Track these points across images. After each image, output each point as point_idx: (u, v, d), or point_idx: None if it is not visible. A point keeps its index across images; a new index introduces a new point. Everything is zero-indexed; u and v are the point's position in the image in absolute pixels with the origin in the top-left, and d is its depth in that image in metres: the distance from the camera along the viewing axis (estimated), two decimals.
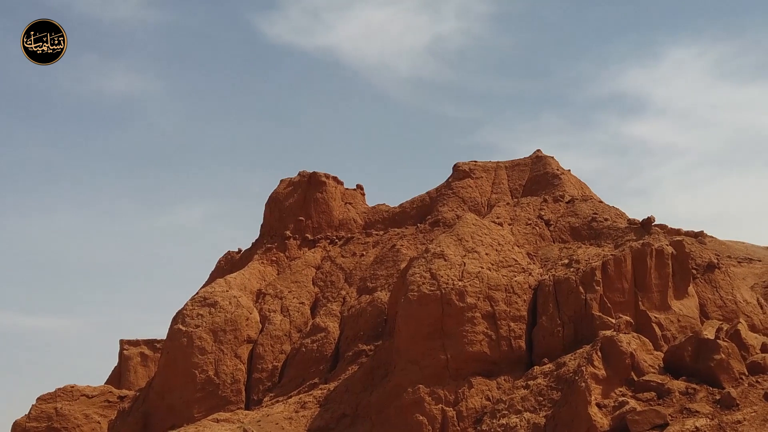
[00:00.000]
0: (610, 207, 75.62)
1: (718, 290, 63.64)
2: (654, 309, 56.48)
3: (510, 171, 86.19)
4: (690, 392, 44.67)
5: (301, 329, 72.34)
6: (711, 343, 46.90)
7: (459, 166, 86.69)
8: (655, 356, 49.20)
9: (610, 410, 44.36)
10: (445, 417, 53.26)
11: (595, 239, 69.45)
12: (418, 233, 78.84)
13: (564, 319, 55.67)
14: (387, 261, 75.56)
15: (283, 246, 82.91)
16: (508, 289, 57.59)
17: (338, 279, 77.38)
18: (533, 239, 71.29)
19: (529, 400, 50.62)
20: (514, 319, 56.53)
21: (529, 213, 75.14)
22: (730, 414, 42.47)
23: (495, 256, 60.75)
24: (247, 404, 67.23)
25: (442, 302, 56.12)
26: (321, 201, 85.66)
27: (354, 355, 65.67)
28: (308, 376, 66.91)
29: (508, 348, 55.63)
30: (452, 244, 61.20)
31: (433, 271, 58.05)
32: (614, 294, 56.21)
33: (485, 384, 54.26)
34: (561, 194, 78.19)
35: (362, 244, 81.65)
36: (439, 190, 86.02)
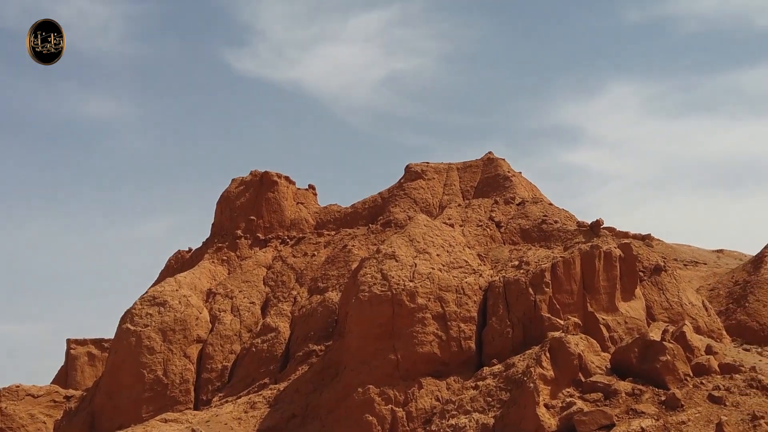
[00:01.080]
0: (560, 209, 76.33)
1: (664, 292, 64.56)
2: (602, 311, 57.16)
3: (462, 173, 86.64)
4: (636, 393, 45.27)
5: (252, 329, 71.99)
6: (657, 345, 47.58)
7: (411, 167, 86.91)
8: (602, 357, 49.78)
9: (558, 411, 44.79)
10: (394, 417, 53.37)
11: (545, 241, 70.09)
12: (370, 234, 78.89)
13: (513, 321, 56.10)
14: (338, 261, 75.51)
15: (234, 245, 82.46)
16: (459, 291, 57.88)
17: (289, 279, 77.15)
18: (484, 241, 71.75)
19: (478, 400, 50.93)
20: (464, 320, 56.82)
21: (480, 214, 75.60)
22: (675, 415, 43.14)
23: (446, 258, 61.03)
24: (195, 404, 66.73)
25: (393, 303, 56.24)
26: (273, 201, 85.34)
27: (304, 355, 65.53)
28: (258, 377, 66.62)
29: (458, 349, 55.90)
30: (403, 245, 61.37)
31: (384, 271, 58.15)
32: (563, 295, 56.79)
33: (435, 384, 54.48)
34: (512, 196, 78.81)
35: (314, 244, 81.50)
36: (391, 191, 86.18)
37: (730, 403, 43.79)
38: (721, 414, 42.31)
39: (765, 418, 41.72)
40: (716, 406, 43.63)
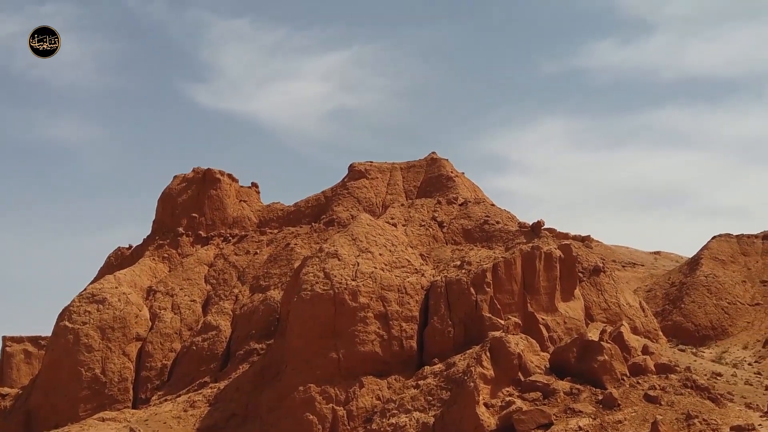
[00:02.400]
0: (501, 210, 76.95)
1: (602, 293, 65.56)
2: (542, 311, 57.83)
3: (405, 172, 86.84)
4: (574, 392, 45.80)
5: (192, 327, 71.43)
6: (595, 345, 48.20)
7: (355, 166, 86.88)
8: (541, 357, 50.28)
9: (498, 410, 45.13)
10: (335, 416, 53.36)
11: (487, 241, 70.62)
12: (313, 232, 78.72)
13: (455, 320, 56.45)
14: (281, 260, 75.24)
15: (175, 243, 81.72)
16: (401, 290, 58.06)
17: (231, 277, 76.67)
18: (426, 240, 72.06)
19: (419, 399, 51.14)
20: (406, 319, 57.01)
21: (423, 214, 75.91)
22: (612, 414, 43.74)
23: (388, 257, 61.18)
24: (134, 403, 66.02)
25: (335, 302, 56.23)
26: (215, 198, 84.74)
27: (245, 353, 65.22)
28: (198, 375, 66.14)
29: (400, 348, 56.09)
30: (346, 244, 61.38)
31: (326, 270, 58.11)
32: (504, 296, 57.32)
33: (376, 383, 54.59)
34: (455, 196, 79.24)
35: (256, 242, 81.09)
36: (334, 190, 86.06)
37: (666, 402, 44.53)
38: (656, 413, 42.98)
39: (699, 417, 42.51)
40: (652, 405, 44.32)
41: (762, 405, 46.78)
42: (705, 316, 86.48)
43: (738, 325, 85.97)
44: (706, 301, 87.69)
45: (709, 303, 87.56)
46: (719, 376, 54.48)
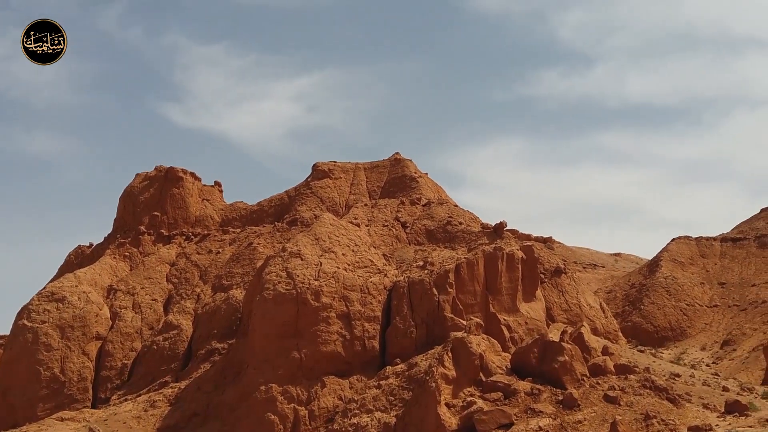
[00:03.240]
0: (464, 211, 77.23)
1: (564, 294, 66.06)
2: (503, 311, 58.16)
3: (369, 172, 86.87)
4: (535, 393, 46.12)
5: (153, 326, 70.95)
6: (555, 346, 48.57)
7: (318, 165, 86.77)
8: (503, 357, 50.56)
9: (459, 410, 45.32)
10: (297, 416, 53.31)
11: (450, 242, 70.88)
12: (276, 232, 78.51)
13: (417, 321, 56.61)
14: (243, 259, 74.97)
15: (136, 241, 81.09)
16: (364, 290, 58.14)
17: (193, 276, 76.26)
18: (389, 241, 72.19)
19: (380, 399, 51.24)
20: (368, 319, 57.10)
21: (386, 215, 76.04)
22: (572, 414, 44.12)
23: (351, 257, 61.22)
24: (93, 403, 65.39)
25: (298, 302, 56.19)
26: (177, 196, 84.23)
27: (207, 353, 64.92)
28: (159, 375, 65.71)
29: (362, 348, 56.16)
30: (309, 244, 61.33)
31: (289, 270, 58.03)
32: (466, 296, 57.58)
33: (338, 383, 54.61)
34: (418, 197, 79.43)
35: (218, 242, 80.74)
36: (297, 190, 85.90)
37: (625, 403, 44.97)
38: (615, 413, 43.40)
39: (657, 417, 43.00)
40: (611, 405, 44.74)
41: (719, 406, 47.40)
42: (664, 318, 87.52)
43: (696, 327, 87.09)
44: (665, 303, 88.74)
45: (668, 304, 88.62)
46: (677, 377, 55.12)
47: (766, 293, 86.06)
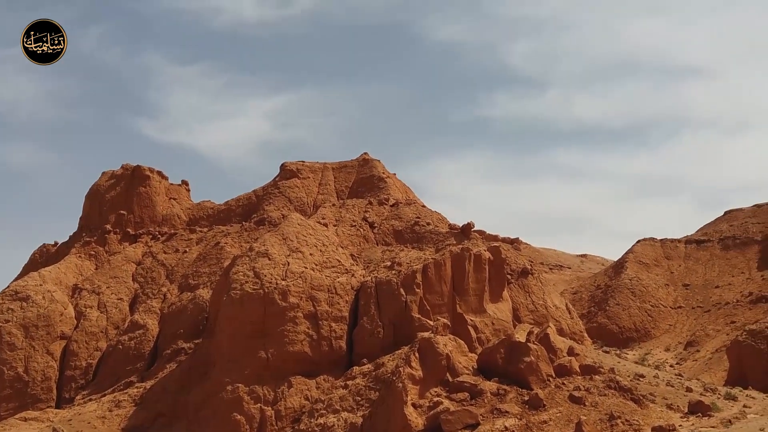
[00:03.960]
0: (432, 212, 77.43)
1: (530, 295, 66.44)
2: (470, 312, 58.33)
3: (337, 172, 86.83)
4: (501, 393, 46.32)
5: (119, 326, 70.48)
6: (522, 346, 48.81)
7: (286, 165, 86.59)
8: (469, 358, 50.71)
9: (425, 410, 45.41)
10: (263, 416, 53.18)
11: (417, 243, 71.04)
12: (243, 231, 78.26)
13: (384, 321, 56.66)
14: (210, 258, 74.65)
15: (102, 240, 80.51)
16: (331, 290, 58.10)
17: (159, 275, 75.83)
18: (357, 241, 72.22)
19: (347, 399, 51.23)
20: (335, 319, 57.07)
21: (354, 215, 76.05)
22: (537, 414, 44.36)
23: (319, 257, 61.15)
24: (58, 403, 64.89)
25: (265, 301, 56.04)
26: (144, 195, 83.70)
27: (173, 353, 64.55)
28: (124, 374, 65.25)
29: (329, 348, 56.11)
30: (277, 244, 61.19)
31: (256, 269, 57.87)
32: (433, 297, 57.69)
33: (305, 384, 54.54)
34: (386, 197, 79.50)
35: (185, 241, 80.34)
36: (265, 189, 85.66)
37: (590, 403, 45.31)
38: (580, 414, 43.71)
39: (622, 417, 43.37)
40: (576, 406, 45.05)
41: (683, 406, 47.88)
42: (629, 319, 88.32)
43: (660, 328, 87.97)
44: (630, 304, 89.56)
45: (633, 306, 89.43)
46: (642, 378, 55.58)
47: (729, 295, 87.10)
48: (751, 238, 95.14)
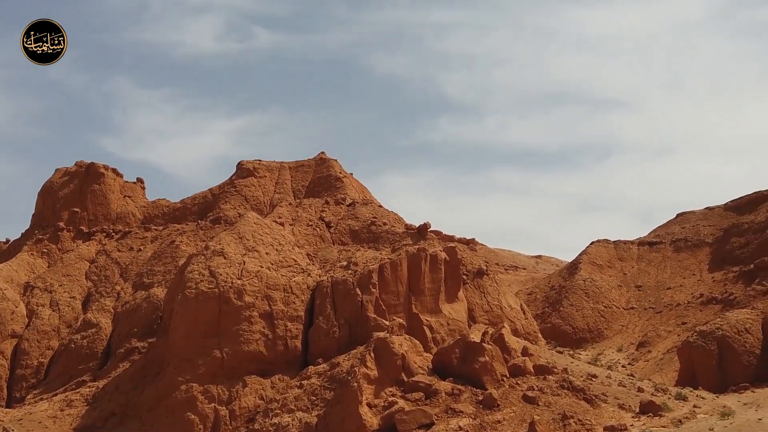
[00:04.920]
0: (389, 212, 77.53)
1: (485, 296, 66.81)
2: (426, 312, 58.58)
3: (294, 172, 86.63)
4: (455, 393, 46.59)
5: (71, 324, 69.73)
6: (476, 347, 49.13)
7: (243, 164, 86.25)
8: (424, 358, 50.93)
9: (380, 410, 45.54)
10: (217, 416, 52.92)
11: (374, 243, 71.11)
12: (199, 230, 77.84)
13: (340, 320, 56.69)
14: (165, 257, 74.13)
15: (55, 237, 79.57)
16: (287, 289, 58.01)
17: (113, 273, 75.14)
18: (314, 240, 72.12)
19: (302, 399, 51.18)
20: (291, 319, 56.99)
21: (310, 214, 75.92)
22: (491, 414, 44.70)
23: (275, 256, 61.02)
24: (8, 402, 64.07)
25: (220, 300, 55.80)
26: (98, 193, 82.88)
27: (126, 352, 64.01)
28: (76, 373, 64.57)
29: (284, 347, 56.02)
30: (233, 242, 60.94)
31: (212, 268, 57.60)
32: (389, 296, 57.85)
33: (260, 383, 54.38)
34: (343, 197, 79.47)
35: (140, 239, 79.68)
36: (222, 188, 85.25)
37: (543, 403, 45.74)
38: (534, 413, 44.12)
39: (574, 417, 43.84)
40: (530, 405, 45.47)
41: (634, 406, 48.49)
42: (582, 319, 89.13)
43: (613, 328, 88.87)
44: (584, 305, 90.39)
45: (587, 306, 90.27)
46: (594, 378, 56.18)
47: (680, 296, 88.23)
48: (703, 241, 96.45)
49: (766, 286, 76.41)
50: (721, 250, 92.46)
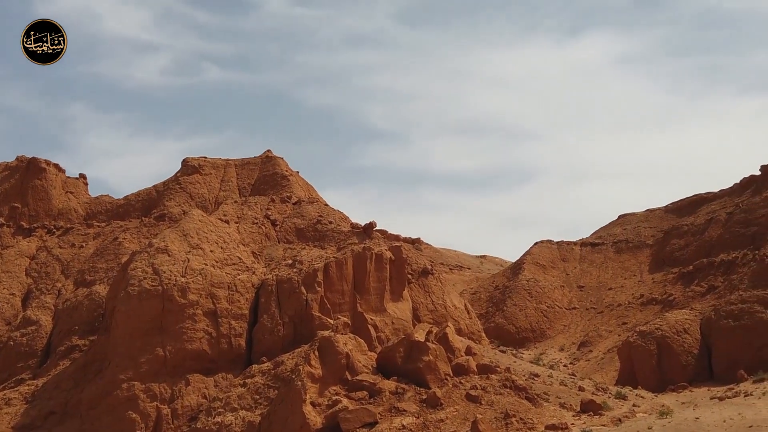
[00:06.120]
0: (335, 210, 77.51)
1: (430, 295, 67.17)
2: (371, 311, 58.73)
3: (240, 169, 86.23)
4: (399, 392, 46.75)
5: (10, 322, 68.58)
6: (421, 346, 49.34)
7: (188, 161, 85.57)
8: (369, 357, 51.00)
9: (324, 409, 45.54)
10: (159, 414, 52.51)
11: (320, 241, 71.07)
12: (143, 227, 77.08)
13: (285, 319, 56.61)
14: (108, 254, 73.28)
15: None
16: (231, 287, 57.73)
17: (54, 270, 74.06)
18: (259, 238, 71.83)
19: (245, 398, 50.99)
20: (235, 317, 56.73)
21: (256, 212, 75.60)
22: (435, 413, 44.93)
23: (220, 254, 60.69)
24: None
25: (164, 298, 55.33)
26: (40, 188, 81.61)
27: (67, 349, 63.15)
28: (15, 371, 63.52)
29: (228, 346, 55.76)
30: (177, 240, 60.48)
31: (155, 266, 57.10)
32: (334, 295, 57.90)
33: (203, 381, 54.07)
34: (288, 195, 79.27)
35: (82, 235, 78.65)
36: (166, 185, 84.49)
37: (486, 402, 46.09)
38: (476, 412, 44.44)
39: (516, 416, 44.26)
40: (473, 404, 45.77)
41: (575, 405, 49.12)
42: (525, 319, 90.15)
43: (555, 328, 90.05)
44: (527, 305, 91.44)
45: (530, 306, 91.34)
46: (536, 377, 56.80)
47: (621, 297, 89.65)
48: (644, 242, 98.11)
49: (704, 287, 77.94)
50: (661, 251, 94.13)
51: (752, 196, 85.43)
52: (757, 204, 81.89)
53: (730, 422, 41.48)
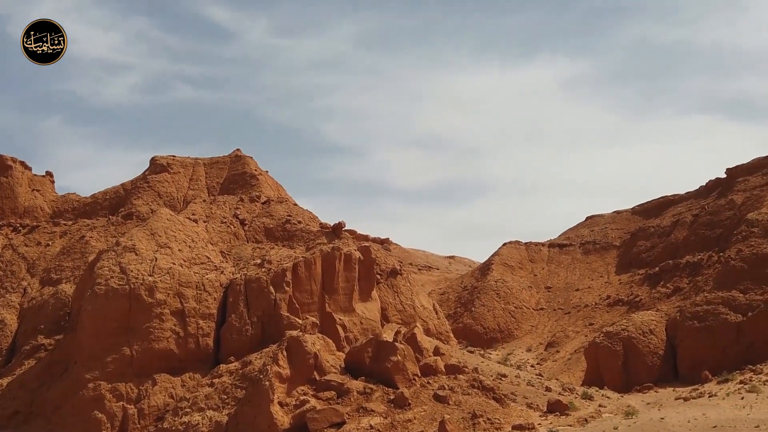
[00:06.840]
0: (304, 210, 77.39)
1: (399, 295, 67.30)
2: (339, 311, 58.75)
3: (208, 168, 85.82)
4: (367, 392, 46.83)
5: None
6: (389, 346, 49.46)
7: (156, 159, 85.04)
8: (337, 357, 51.05)
9: (292, 408, 45.52)
10: (125, 414, 52.17)
11: (288, 241, 70.93)
12: (110, 225, 76.52)
13: (253, 319, 56.46)
14: (74, 252, 72.69)
15: None
16: (199, 287, 57.49)
17: (20, 268, 73.35)
18: (227, 238, 71.57)
19: (213, 398, 50.81)
20: (203, 316, 56.49)
21: (225, 211, 75.30)
22: (403, 413, 45.06)
23: (188, 253, 60.43)
24: None
25: (131, 297, 54.98)
26: (5, 186, 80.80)
27: (32, 349, 62.58)
28: None
29: (196, 346, 55.52)
30: (144, 239, 60.14)
31: (122, 265, 56.73)
32: (303, 295, 57.85)
33: (170, 381, 53.79)
34: (257, 194, 79.02)
35: (49, 234, 77.95)
36: (134, 183, 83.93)
37: (453, 402, 46.30)
38: (444, 412, 44.62)
39: (484, 416, 44.50)
40: (440, 404, 45.97)
41: (542, 405, 49.47)
42: (493, 320, 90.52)
43: (523, 329, 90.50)
44: (495, 305, 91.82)
45: (498, 307, 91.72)
46: (504, 377, 57.10)
47: (588, 298, 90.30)
48: (611, 244, 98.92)
49: (670, 288, 78.73)
50: (627, 253, 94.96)
51: (717, 198, 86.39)
52: (722, 206, 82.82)
53: (694, 422, 41.96)
